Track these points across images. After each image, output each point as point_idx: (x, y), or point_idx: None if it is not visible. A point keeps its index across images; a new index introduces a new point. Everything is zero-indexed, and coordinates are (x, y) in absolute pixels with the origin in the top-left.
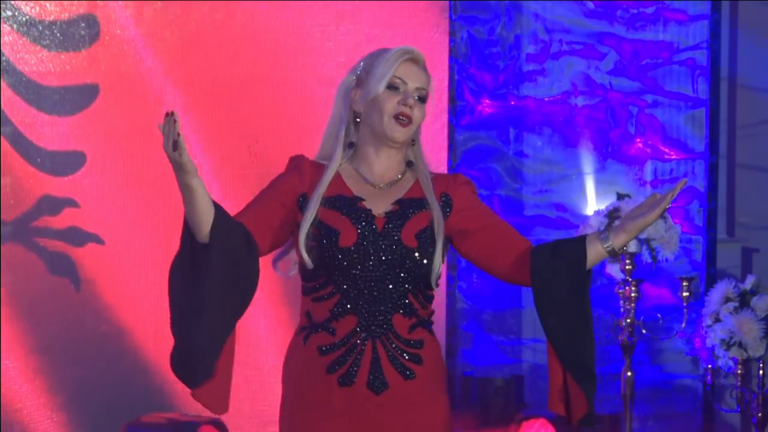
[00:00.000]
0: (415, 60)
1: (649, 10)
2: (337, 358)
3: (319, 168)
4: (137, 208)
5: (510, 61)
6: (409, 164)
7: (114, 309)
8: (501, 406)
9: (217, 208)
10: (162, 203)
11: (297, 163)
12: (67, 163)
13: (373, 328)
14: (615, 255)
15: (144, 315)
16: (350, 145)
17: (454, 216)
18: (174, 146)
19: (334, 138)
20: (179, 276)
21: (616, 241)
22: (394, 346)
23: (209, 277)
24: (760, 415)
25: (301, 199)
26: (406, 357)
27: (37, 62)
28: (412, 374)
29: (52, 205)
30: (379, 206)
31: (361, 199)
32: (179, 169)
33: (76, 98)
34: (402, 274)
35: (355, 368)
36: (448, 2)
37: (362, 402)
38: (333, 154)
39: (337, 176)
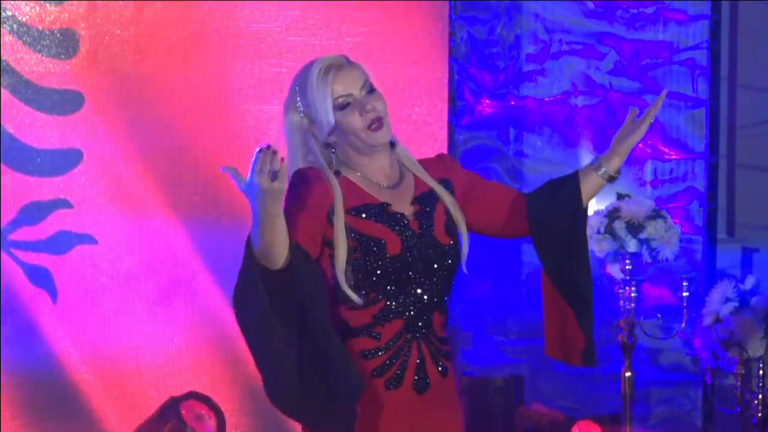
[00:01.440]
0: (340, 66)
1: (649, 10)
2: (383, 362)
3: (324, 180)
4: (132, 209)
5: (510, 61)
6: (393, 145)
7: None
8: (501, 406)
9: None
10: (159, 204)
11: (307, 177)
12: (62, 163)
13: (416, 329)
14: (612, 180)
15: (140, 313)
16: (336, 173)
17: (457, 197)
18: (273, 177)
19: (317, 172)
20: (255, 306)
21: (611, 165)
22: (434, 345)
23: (301, 296)
24: (760, 415)
25: (330, 210)
26: (442, 354)
27: (37, 62)
28: (446, 371)
29: (48, 205)
30: (404, 208)
31: (389, 204)
32: (274, 197)
33: (75, 99)
34: (441, 272)
35: (401, 371)
36: (448, 2)
37: (408, 403)
38: (330, 183)
39: (352, 184)
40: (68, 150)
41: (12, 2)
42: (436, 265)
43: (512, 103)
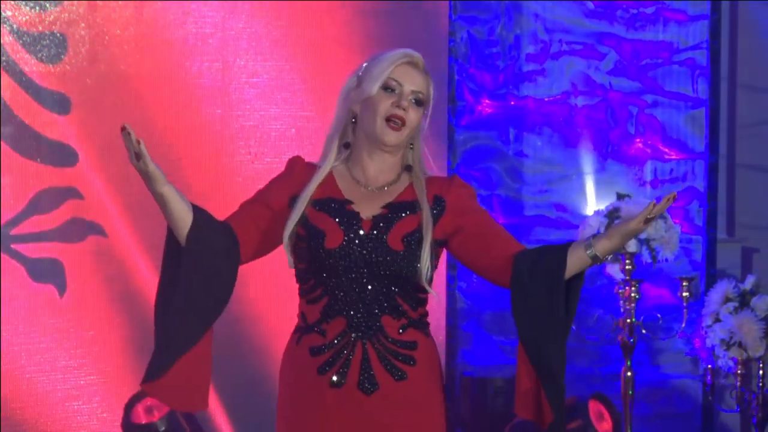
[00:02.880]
0: (414, 64)
1: (649, 10)
2: (327, 360)
3: (312, 169)
4: (132, 207)
5: (510, 61)
6: (408, 168)
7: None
8: (501, 406)
9: (197, 212)
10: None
11: (292, 164)
12: (62, 160)
13: (362, 329)
14: (598, 262)
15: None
16: (346, 146)
17: (446, 218)
18: (137, 157)
19: (331, 138)
20: (163, 274)
21: (598, 246)
22: (384, 347)
23: (183, 279)
24: (760, 415)
25: (291, 200)
26: (398, 358)
27: (37, 62)
28: (404, 375)
29: (54, 196)
30: (368, 209)
31: (350, 202)
32: (147, 178)
33: (74, 99)
34: (388, 277)
35: (345, 369)
36: (448, 2)
37: (353, 403)
38: (327, 155)
39: (331, 178)
40: (68, 148)
41: (12, 2)
42: (382, 269)
43: (512, 103)
